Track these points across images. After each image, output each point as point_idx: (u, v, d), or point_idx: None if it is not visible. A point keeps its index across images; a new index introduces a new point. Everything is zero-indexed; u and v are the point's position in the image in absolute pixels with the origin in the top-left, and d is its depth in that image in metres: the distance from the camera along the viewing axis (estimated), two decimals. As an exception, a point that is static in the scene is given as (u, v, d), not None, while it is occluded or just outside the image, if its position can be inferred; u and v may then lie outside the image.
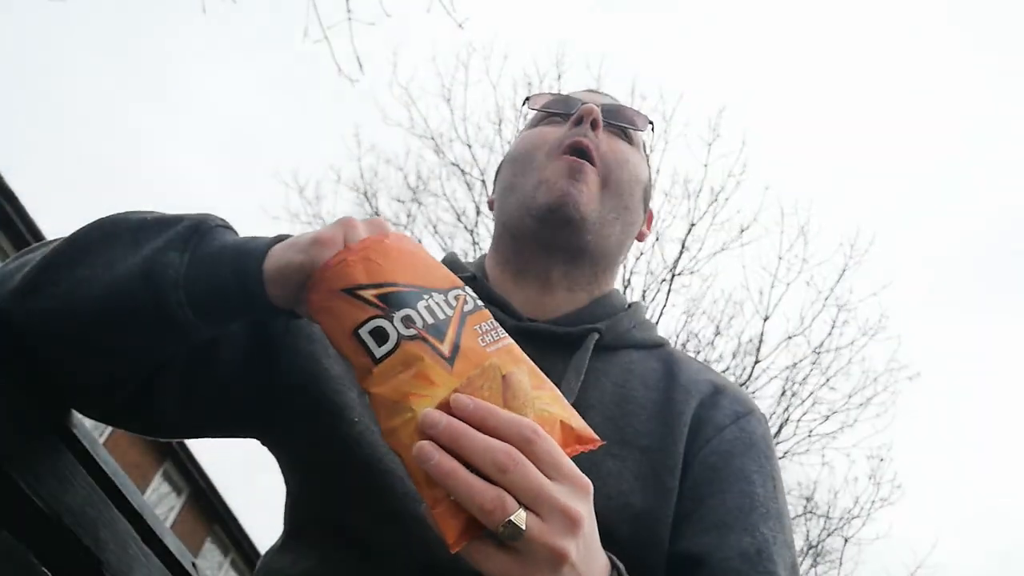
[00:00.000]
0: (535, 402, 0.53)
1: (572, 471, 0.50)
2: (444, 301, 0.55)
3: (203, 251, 0.62)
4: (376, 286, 0.53)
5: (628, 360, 0.85)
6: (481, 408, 0.49)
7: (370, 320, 0.52)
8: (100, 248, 0.63)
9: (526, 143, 0.93)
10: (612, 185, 0.88)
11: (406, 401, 0.50)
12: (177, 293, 0.60)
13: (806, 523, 8.35)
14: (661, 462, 0.76)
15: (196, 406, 0.71)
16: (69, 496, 0.69)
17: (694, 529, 0.73)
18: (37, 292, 0.62)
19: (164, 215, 0.66)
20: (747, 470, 0.77)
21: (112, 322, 0.61)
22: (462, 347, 0.53)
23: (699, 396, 0.83)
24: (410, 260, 0.57)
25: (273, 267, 0.59)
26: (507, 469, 0.47)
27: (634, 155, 0.93)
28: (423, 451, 0.47)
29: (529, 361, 0.57)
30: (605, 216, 0.87)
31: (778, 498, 0.77)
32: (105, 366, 0.65)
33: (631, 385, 0.82)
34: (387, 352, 0.51)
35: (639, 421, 0.79)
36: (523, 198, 0.88)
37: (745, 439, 0.80)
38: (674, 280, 7.72)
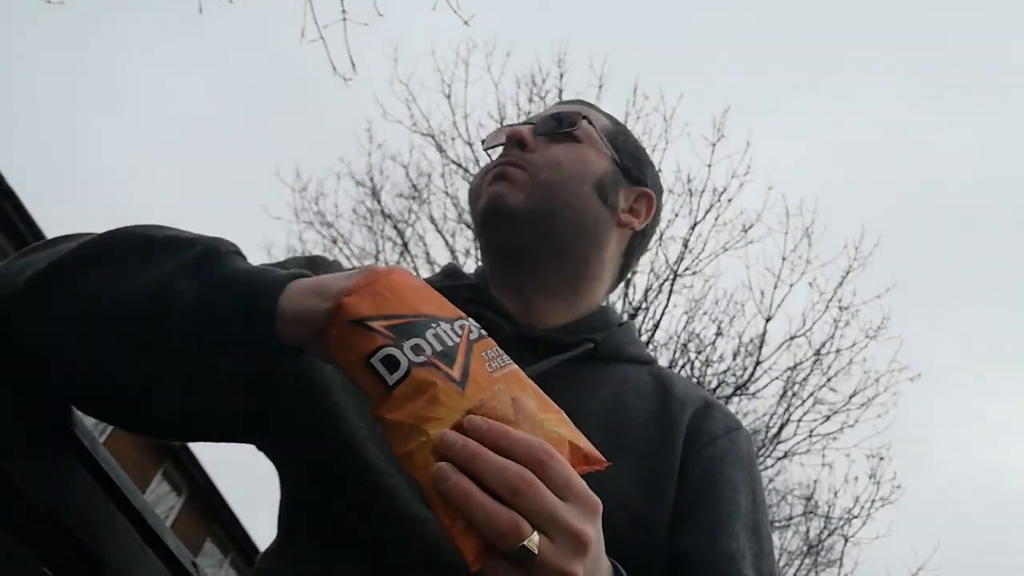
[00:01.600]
0: (544, 424, 0.54)
1: (583, 491, 0.51)
2: (451, 329, 0.56)
3: (212, 280, 0.61)
4: (385, 317, 0.55)
5: (623, 372, 0.89)
6: (495, 429, 0.50)
7: (381, 349, 0.53)
8: (108, 263, 0.62)
9: (474, 178, 1.00)
10: (540, 184, 0.90)
11: (421, 424, 0.51)
12: (182, 322, 0.59)
13: (806, 523, 8.37)
14: (657, 466, 0.80)
15: (195, 411, 0.70)
16: (69, 495, 0.69)
17: (686, 530, 0.77)
18: (40, 300, 0.62)
19: (175, 235, 0.65)
20: (735, 480, 0.82)
21: (113, 340, 0.61)
22: (472, 372, 0.54)
23: (693, 408, 0.87)
24: (415, 293, 0.58)
25: (294, 309, 0.59)
26: (520, 492, 0.48)
27: (571, 153, 0.94)
28: (441, 472, 0.48)
29: (534, 386, 0.59)
30: (537, 211, 0.89)
31: (757, 511, 0.82)
32: (104, 375, 0.64)
33: (626, 395, 0.86)
34: (399, 379, 0.52)
35: (635, 428, 0.83)
36: (473, 219, 0.96)
37: (735, 451, 0.85)
38: (676, 280, 7.73)
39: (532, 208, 0.89)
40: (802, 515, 8.37)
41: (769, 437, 7.89)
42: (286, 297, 0.59)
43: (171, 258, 0.62)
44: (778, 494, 8.46)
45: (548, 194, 0.90)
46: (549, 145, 0.94)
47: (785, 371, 7.88)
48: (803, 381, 7.90)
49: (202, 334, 0.59)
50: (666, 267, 7.77)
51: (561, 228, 0.90)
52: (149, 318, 0.59)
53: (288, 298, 0.59)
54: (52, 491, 0.66)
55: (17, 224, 9.39)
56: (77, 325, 0.61)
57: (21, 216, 9.38)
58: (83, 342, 0.61)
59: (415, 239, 8.56)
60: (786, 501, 8.51)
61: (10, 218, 9.30)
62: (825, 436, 7.87)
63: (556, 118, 0.97)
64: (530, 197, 0.89)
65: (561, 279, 0.92)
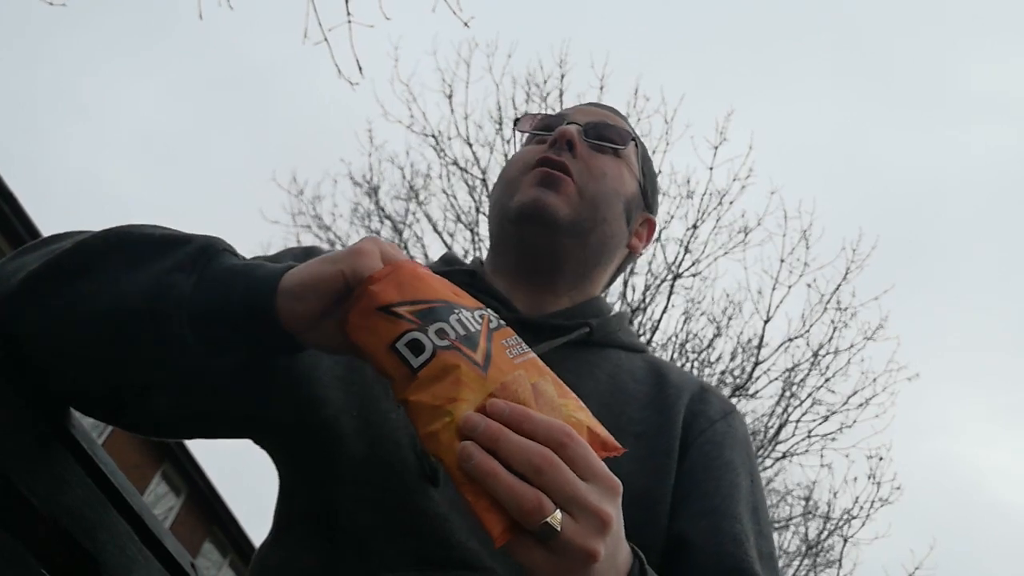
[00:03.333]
0: (563, 409, 0.56)
1: (604, 472, 0.52)
2: (472, 317, 0.58)
3: (210, 275, 0.61)
4: (410, 303, 0.56)
5: (616, 357, 0.92)
6: (517, 411, 0.51)
7: (406, 333, 0.54)
8: (104, 263, 0.62)
9: (510, 164, 0.99)
10: (587, 196, 0.92)
11: (445, 406, 0.52)
12: (180, 317, 0.59)
13: (806, 523, 8.37)
14: (656, 447, 0.82)
15: (192, 410, 0.70)
16: (67, 497, 0.68)
17: (689, 512, 0.78)
18: (36, 301, 0.61)
19: (171, 233, 0.65)
20: (734, 463, 0.84)
21: (111, 340, 0.60)
22: (493, 357, 0.55)
23: (689, 392, 0.89)
24: (435, 281, 0.60)
25: (298, 283, 0.59)
26: (543, 471, 0.49)
27: (614, 169, 0.96)
28: (465, 451, 0.49)
29: (552, 373, 0.60)
30: (579, 224, 0.91)
31: (755, 492, 0.84)
32: (100, 375, 0.64)
33: (622, 378, 0.88)
34: (424, 361, 0.53)
35: (632, 410, 0.85)
36: (503, 209, 0.94)
37: (733, 434, 0.87)
38: (675, 281, 7.73)
39: (574, 220, 0.90)
40: (801, 515, 8.37)
41: (768, 438, 7.89)
42: (288, 277, 0.60)
43: (167, 256, 0.62)
44: (777, 494, 8.46)
45: (592, 208, 0.92)
46: (594, 153, 0.95)
47: (784, 372, 7.89)
48: (801, 382, 7.91)
49: (202, 329, 0.59)
50: (665, 268, 7.77)
51: (593, 241, 0.93)
52: (148, 316, 0.59)
53: (290, 277, 0.59)
54: (51, 493, 0.66)
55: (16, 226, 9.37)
56: (74, 326, 0.61)
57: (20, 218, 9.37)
58: (80, 344, 0.61)
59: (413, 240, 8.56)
60: (785, 501, 8.52)
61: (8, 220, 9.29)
62: (824, 437, 7.88)
63: (608, 130, 0.98)
64: (574, 209, 0.90)
65: (570, 281, 0.94)
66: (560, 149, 0.93)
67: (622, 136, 0.98)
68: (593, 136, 0.96)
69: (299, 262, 0.87)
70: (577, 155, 0.93)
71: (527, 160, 0.95)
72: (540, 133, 0.99)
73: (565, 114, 1.01)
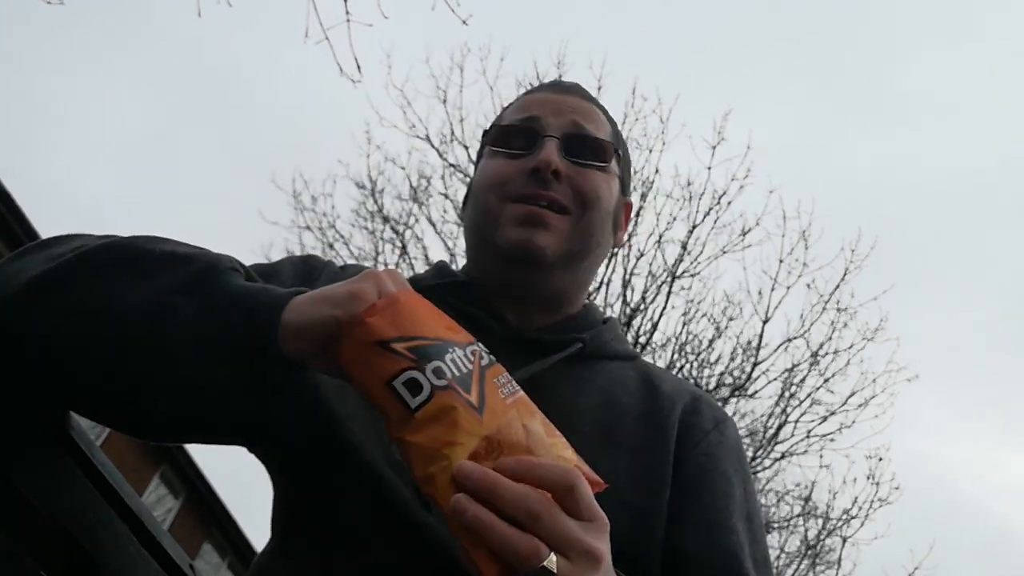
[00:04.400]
0: (551, 449, 0.56)
1: (597, 512, 0.55)
2: (464, 355, 0.58)
3: (211, 302, 0.60)
4: (406, 339, 0.56)
5: (609, 369, 0.91)
6: (524, 463, 0.53)
7: (404, 371, 0.54)
8: (106, 276, 0.62)
9: (483, 181, 0.92)
10: (579, 226, 0.88)
11: (442, 449, 0.52)
12: (181, 341, 0.59)
13: (804, 523, 8.37)
14: (651, 461, 0.82)
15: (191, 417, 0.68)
16: (67, 499, 0.68)
17: (685, 526, 0.79)
18: (37, 308, 0.61)
19: (175, 250, 0.65)
20: (728, 473, 0.84)
21: (109, 355, 0.60)
22: (487, 399, 0.55)
23: (682, 403, 0.89)
24: (430, 316, 0.60)
25: (299, 320, 0.59)
26: (540, 518, 0.50)
27: (605, 184, 0.92)
28: (459, 504, 0.50)
29: (540, 412, 0.60)
30: (571, 256, 0.89)
31: (749, 500, 0.85)
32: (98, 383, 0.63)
33: (615, 392, 0.87)
34: (422, 402, 0.53)
35: (626, 424, 0.84)
36: (483, 242, 0.90)
37: (726, 444, 0.88)
38: (674, 282, 7.73)
39: (566, 252, 0.87)
40: (800, 515, 8.37)
41: (767, 438, 7.89)
42: (289, 311, 0.59)
43: (168, 275, 0.62)
44: (776, 495, 8.47)
45: (585, 236, 0.89)
46: (576, 170, 0.89)
47: (783, 372, 7.88)
48: (801, 382, 7.91)
49: (201, 352, 0.59)
50: (664, 269, 7.77)
51: (585, 266, 0.92)
52: (147, 337, 0.59)
53: (291, 311, 0.59)
54: (50, 495, 0.66)
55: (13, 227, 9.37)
56: (72, 336, 0.60)
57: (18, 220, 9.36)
58: (77, 352, 0.61)
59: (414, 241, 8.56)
60: (785, 502, 8.52)
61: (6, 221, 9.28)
62: (823, 437, 7.88)
63: (588, 144, 0.91)
64: (566, 241, 0.87)
65: (562, 294, 0.93)
66: (545, 181, 0.86)
67: (605, 150, 0.92)
68: (576, 154, 0.90)
69: (297, 271, 0.88)
70: (562, 180, 0.87)
71: (507, 186, 0.88)
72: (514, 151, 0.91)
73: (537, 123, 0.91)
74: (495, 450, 0.53)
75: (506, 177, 0.89)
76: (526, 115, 0.93)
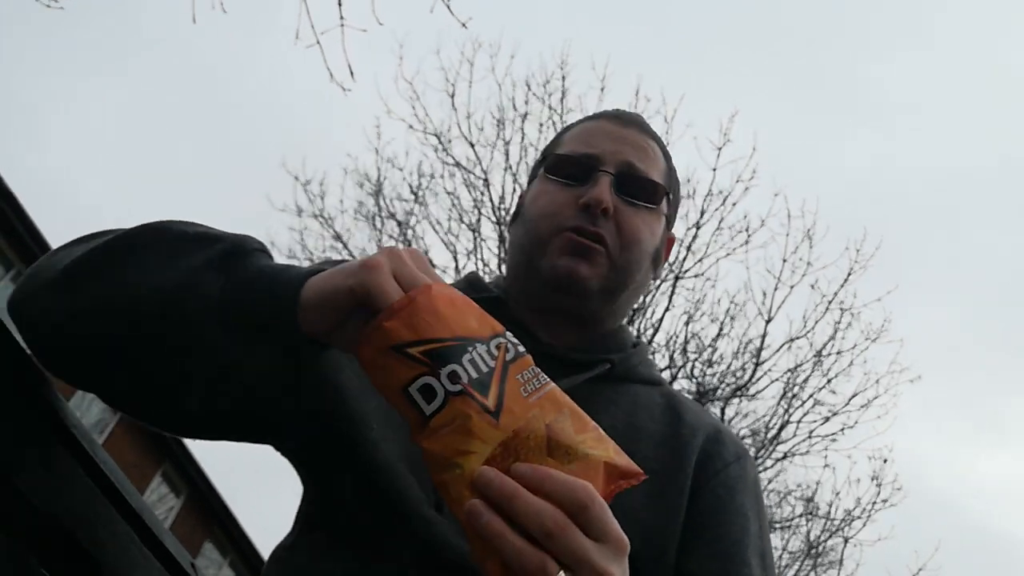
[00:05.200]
0: (579, 447, 0.55)
1: (615, 533, 0.53)
2: (487, 352, 0.56)
3: (239, 275, 0.63)
4: (422, 343, 0.54)
5: (635, 393, 0.92)
6: (538, 473, 0.52)
7: (418, 378, 0.54)
8: (141, 255, 0.65)
9: (536, 206, 0.95)
10: (619, 264, 0.92)
11: (455, 458, 0.52)
12: (209, 315, 0.61)
13: (807, 524, 8.36)
14: (669, 485, 0.83)
15: (220, 408, 0.70)
16: (68, 497, 0.68)
17: (701, 555, 0.80)
18: (74, 288, 0.64)
19: (205, 231, 0.67)
20: (745, 507, 0.86)
21: (143, 333, 0.62)
22: (506, 400, 0.54)
23: (704, 433, 0.90)
24: (452, 311, 0.58)
25: (316, 294, 0.59)
26: (553, 535, 0.50)
27: (647, 226, 0.95)
28: (474, 509, 0.50)
29: (571, 404, 0.59)
30: (610, 290, 0.92)
31: (763, 536, 0.86)
32: (133, 367, 0.65)
33: (639, 416, 0.89)
34: (436, 409, 0.53)
35: (648, 448, 0.86)
36: (529, 264, 0.93)
37: (745, 478, 0.89)
38: (677, 282, 7.72)
39: (605, 287, 0.91)
40: (802, 516, 8.37)
41: (768, 438, 7.89)
42: (307, 288, 0.60)
43: (200, 252, 0.65)
44: (778, 495, 8.46)
45: (624, 274, 0.93)
46: (626, 209, 0.92)
47: (785, 372, 7.88)
48: (803, 383, 7.90)
49: (229, 325, 0.62)
50: (667, 269, 7.76)
51: (623, 299, 0.96)
52: (178, 309, 0.62)
53: (309, 288, 0.60)
54: (51, 493, 0.66)
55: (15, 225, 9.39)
56: (109, 314, 0.63)
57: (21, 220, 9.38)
58: (112, 332, 0.63)
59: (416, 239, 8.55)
60: (787, 502, 8.52)
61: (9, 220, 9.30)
62: (825, 437, 7.87)
63: (641, 185, 0.94)
64: (606, 276, 0.91)
65: (596, 324, 0.95)
66: (595, 217, 0.90)
67: (656, 191, 0.96)
68: (628, 192, 0.93)
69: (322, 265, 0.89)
70: (610, 217, 0.91)
71: (558, 216, 0.91)
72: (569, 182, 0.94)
73: (596, 153, 0.94)
74: (511, 455, 0.52)
75: (558, 206, 0.92)
76: (585, 149, 0.96)
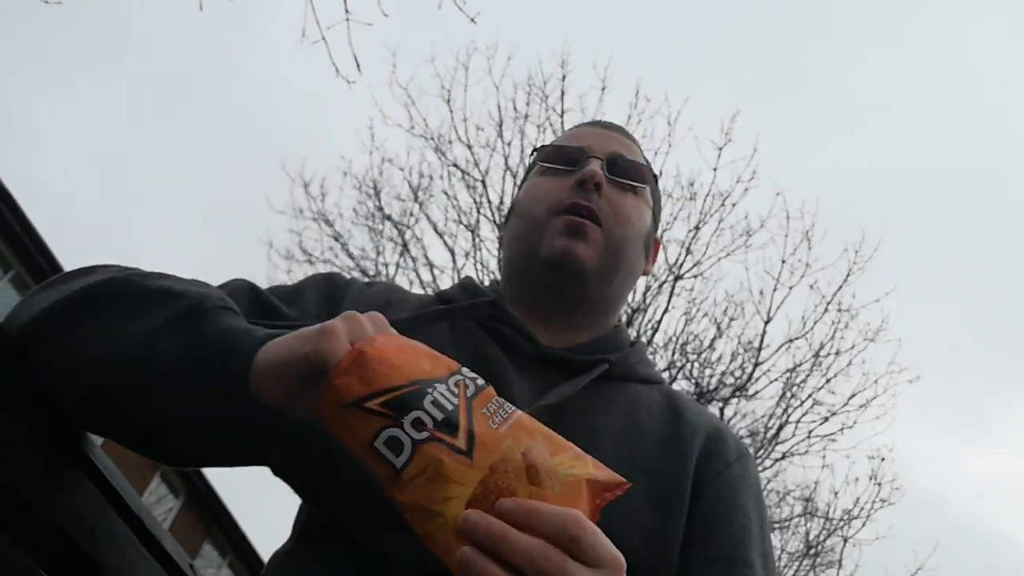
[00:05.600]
0: (559, 469, 0.54)
1: (610, 556, 0.52)
2: (447, 390, 0.55)
3: (196, 338, 0.62)
4: (379, 394, 0.53)
5: (634, 392, 0.92)
6: (524, 508, 0.50)
7: (382, 431, 0.52)
8: (104, 311, 0.65)
9: (532, 195, 0.99)
10: (613, 242, 0.93)
11: (435, 506, 0.51)
12: (170, 377, 0.61)
13: (806, 523, 8.36)
14: (669, 485, 0.82)
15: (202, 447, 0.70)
16: (67, 498, 0.68)
17: (702, 558, 0.80)
18: (44, 340, 0.65)
19: (167, 287, 0.67)
20: (747, 508, 0.85)
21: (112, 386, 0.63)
22: (477, 435, 0.53)
23: (704, 432, 0.90)
24: (402, 357, 0.56)
25: (269, 362, 0.58)
26: (547, 572, 0.49)
27: (636, 208, 0.98)
28: (465, 558, 0.49)
29: (543, 428, 0.57)
30: (606, 269, 0.93)
31: (764, 537, 0.86)
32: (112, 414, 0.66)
33: (639, 415, 0.88)
34: (406, 460, 0.51)
35: (648, 448, 0.85)
36: (529, 249, 0.94)
37: (746, 479, 0.89)
38: (676, 283, 7.72)
39: (602, 266, 0.92)
40: (801, 516, 8.37)
41: (767, 438, 7.89)
42: (262, 354, 0.60)
43: (160, 311, 0.64)
44: (778, 495, 8.46)
45: (618, 254, 0.94)
46: (616, 191, 0.96)
47: (784, 373, 7.88)
48: (802, 383, 7.90)
49: (187, 388, 0.61)
50: (666, 269, 7.77)
51: (617, 281, 0.96)
52: (137, 371, 0.62)
53: (263, 353, 0.60)
54: (50, 494, 0.66)
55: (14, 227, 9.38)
56: (78, 371, 0.64)
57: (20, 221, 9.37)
58: (85, 383, 0.64)
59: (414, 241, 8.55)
60: (786, 502, 8.52)
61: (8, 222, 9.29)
62: (824, 437, 7.88)
63: (630, 166, 0.99)
64: (602, 255, 0.92)
65: (591, 316, 0.96)
66: (588, 192, 0.93)
67: (643, 173, 1.00)
68: (618, 173, 0.97)
69: (321, 294, 0.90)
70: (602, 195, 0.94)
71: (553, 199, 0.94)
72: (562, 168, 0.98)
73: (584, 145, 0.99)
74: (493, 492, 0.51)
75: (552, 191, 0.96)
76: (575, 143, 1.01)
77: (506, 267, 1.01)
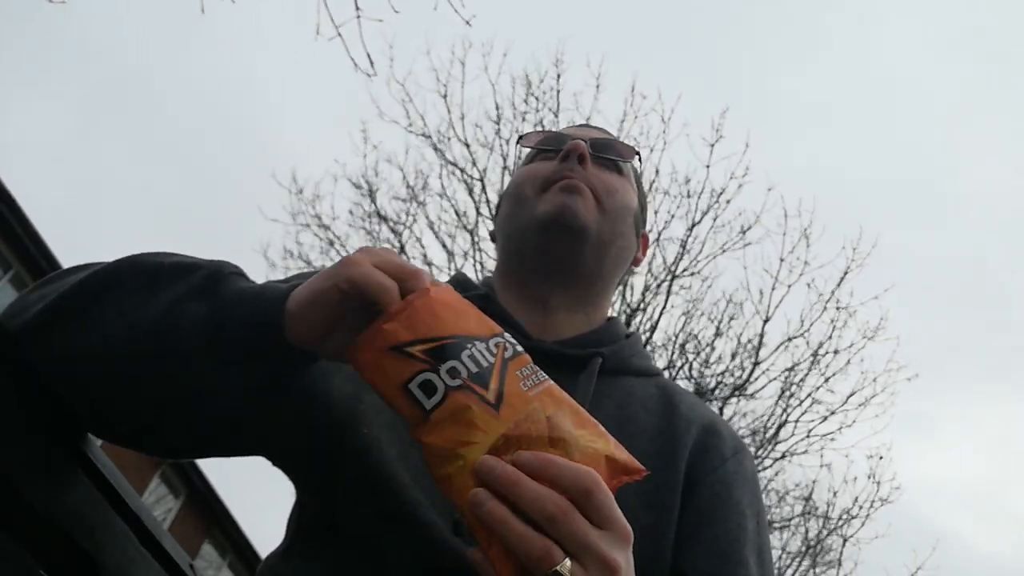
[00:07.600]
0: (579, 440, 0.55)
1: (619, 521, 0.53)
2: (486, 349, 0.57)
3: (221, 300, 0.63)
4: (421, 341, 0.55)
5: (629, 385, 0.91)
6: (542, 459, 0.52)
7: (418, 374, 0.54)
8: (118, 292, 0.64)
9: (519, 178, 0.98)
10: (606, 209, 0.93)
11: (457, 448, 0.53)
12: (195, 346, 0.61)
13: (805, 523, 8.36)
14: (662, 481, 0.81)
15: (205, 431, 0.70)
16: (67, 498, 0.68)
17: (696, 554, 0.79)
18: (52, 330, 0.64)
19: (181, 261, 0.67)
20: (742, 504, 0.84)
21: (126, 368, 0.62)
22: (506, 393, 0.55)
23: (699, 425, 0.88)
24: (450, 311, 0.59)
25: (301, 303, 0.59)
26: (556, 520, 0.50)
27: (623, 185, 0.98)
28: (476, 497, 0.50)
29: (570, 400, 0.59)
30: (601, 235, 0.92)
31: (761, 533, 0.85)
32: (116, 400, 0.65)
33: (632, 409, 0.87)
34: (436, 403, 0.54)
35: (641, 442, 0.83)
36: (523, 220, 0.93)
37: (742, 474, 0.87)
38: (674, 281, 7.72)
39: (599, 231, 0.91)
40: (801, 515, 8.37)
41: (767, 438, 7.89)
42: (292, 298, 0.60)
43: (179, 283, 0.64)
44: (777, 494, 8.46)
45: (612, 222, 0.93)
46: (600, 170, 0.96)
47: (783, 372, 7.88)
48: (801, 382, 7.90)
49: (215, 352, 0.61)
50: (663, 268, 7.76)
51: (612, 254, 0.95)
52: (162, 342, 0.61)
53: (294, 297, 0.60)
54: (50, 493, 0.66)
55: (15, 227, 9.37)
56: (89, 354, 0.63)
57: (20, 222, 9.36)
58: (95, 369, 0.63)
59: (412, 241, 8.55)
60: (785, 501, 8.52)
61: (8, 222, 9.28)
62: (823, 436, 7.88)
63: (612, 145, 1.00)
64: (596, 220, 0.91)
65: (586, 297, 0.95)
66: (572, 164, 0.93)
67: (627, 150, 1.00)
68: (600, 150, 0.97)
69: None
70: (587, 170, 0.94)
71: (540, 177, 0.94)
72: (546, 149, 0.99)
73: (567, 132, 1.01)
74: (513, 446, 0.53)
75: (540, 170, 0.96)
76: (557, 132, 1.03)
77: (499, 255, 1.00)
